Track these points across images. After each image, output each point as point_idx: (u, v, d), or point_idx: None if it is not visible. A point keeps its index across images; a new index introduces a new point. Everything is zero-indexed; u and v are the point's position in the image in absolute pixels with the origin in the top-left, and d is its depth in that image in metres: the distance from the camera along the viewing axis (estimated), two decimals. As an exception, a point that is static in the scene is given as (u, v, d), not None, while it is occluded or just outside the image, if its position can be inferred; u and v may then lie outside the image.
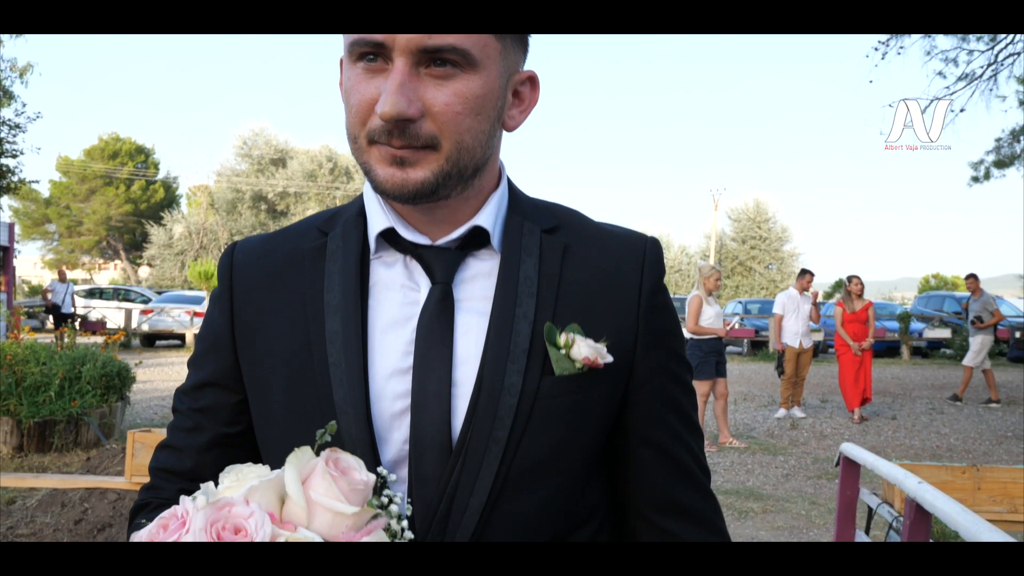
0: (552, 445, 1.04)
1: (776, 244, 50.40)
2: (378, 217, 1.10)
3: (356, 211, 1.14)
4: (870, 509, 3.76)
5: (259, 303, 1.13)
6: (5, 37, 18.71)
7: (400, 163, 1.00)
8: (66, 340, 8.83)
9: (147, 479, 4.12)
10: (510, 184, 1.17)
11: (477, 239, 1.09)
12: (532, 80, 1.12)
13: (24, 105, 20.66)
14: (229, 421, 1.16)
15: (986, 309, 13.30)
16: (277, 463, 1.04)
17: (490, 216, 1.10)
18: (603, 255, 1.13)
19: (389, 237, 1.10)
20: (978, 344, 13.29)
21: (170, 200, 54.77)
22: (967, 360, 13.50)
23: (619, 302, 1.10)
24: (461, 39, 0.98)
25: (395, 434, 1.04)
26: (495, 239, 1.10)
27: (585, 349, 1.03)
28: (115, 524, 5.61)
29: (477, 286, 1.08)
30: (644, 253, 1.14)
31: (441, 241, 1.08)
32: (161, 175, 55.86)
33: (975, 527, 2.15)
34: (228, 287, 1.16)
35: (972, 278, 13.85)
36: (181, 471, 1.17)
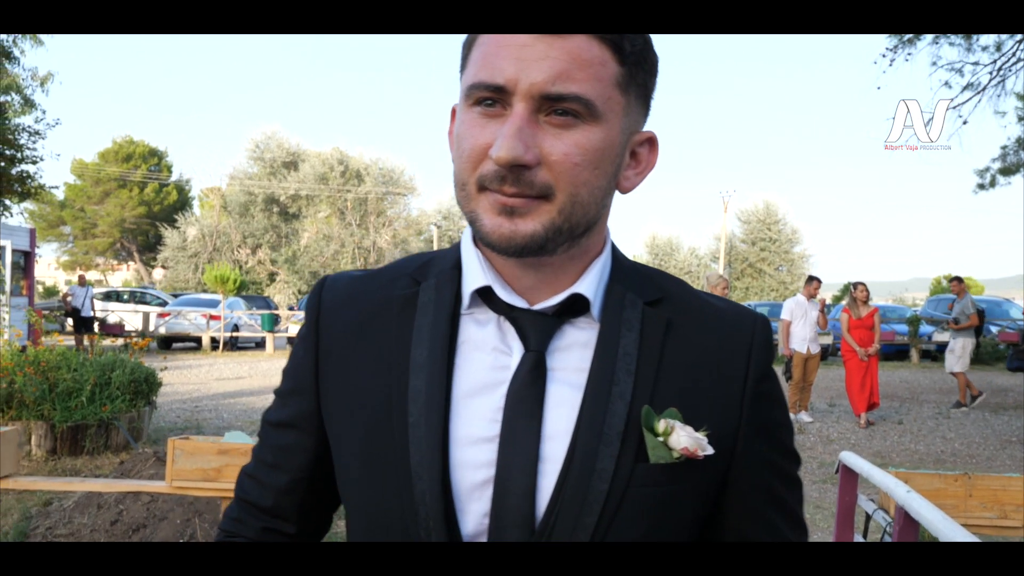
0: (641, 535, 0.98)
1: (786, 246, 50.38)
2: (475, 273, 1.04)
3: (452, 263, 1.08)
4: (867, 515, 3.96)
5: (344, 350, 1.09)
6: (26, 46, 19.02)
7: (510, 213, 0.95)
8: (91, 344, 9.09)
9: (187, 483, 4.45)
10: (614, 250, 1.10)
11: (576, 306, 1.03)
12: (652, 141, 1.07)
13: (44, 112, 21.05)
14: (306, 467, 1.13)
15: (964, 312, 13.39)
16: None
17: (592, 283, 1.03)
18: (708, 334, 1.06)
19: (484, 295, 1.04)
20: (960, 348, 13.37)
21: (183, 202, 55.13)
22: (957, 367, 13.51)
23: (722, 388, 1.04)
24: (586, 88, 0.93)
25: (475, 506, 0.99)
26: (595, 308, 1.03)
27: (685, 439, 0.97)
28: (149, 525, 5.83)
29: (572, 356, 1.02)
30: (752, 335, 1.07)
31: (539, 306, 1.02)
32: (174, 178, 56.28)
33: (952, 532, 2.39)
34: (314, 329, 1.12)
35: (956, 281, 13.97)
36: (263, 508, 1.16)
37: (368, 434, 1.04)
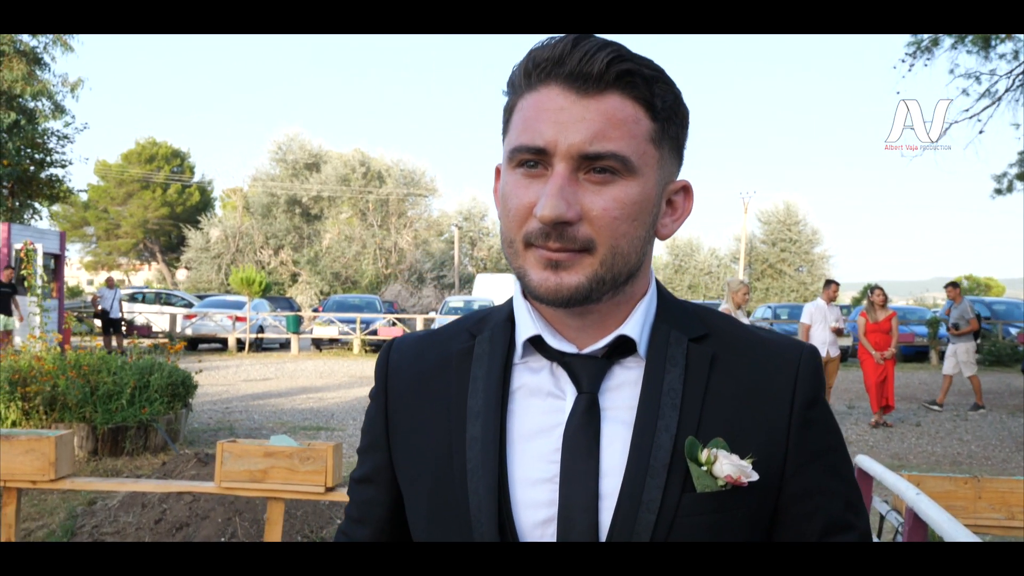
0: None
1: (806, 247, 50.30)
2: (526, 324, 1.09)
3: (505, 316, 1.14)
4: (881, 516, 4.15)
5: (410, 406, 1.15)
6: (57, 53, 19.45)
7: (555, 267, 0.99)
8: (119, 346, 9.30)
9: (234, 484, 4.81)
10: (659, 289, 1.14)
11: (623, 347, 1.07)
12: (686, 189, 1.11)
13: (73, 117, 21.45)
14: (385, 519, 1.20)
15: (963, 317, 13.45)
16: None
17: (637, 324, 1.07)
18: (753, 365, 1.08)
19: (536, 343, 1.08)
20: (963, 352, 13.44)
21: (205, 203, 55.60)
22: (967, 371, 13.55)
23: (769, 415, 1.06)
24: (621, 146, 0.98)
25: None
26: (641, 347, 1.07)
27: (728, 467, 0.99)
28: (192, 524, 6.01)
29: (623, 395, 1.06)
30: (799, 364, 1.09)
31: (588, 349, 1.06)
32: (197, 179, 56.77)
33: (956, 532, 2.59)
34: (383, 388, 1.19)
35: (951, 286, 14.00)
36: None
37: (433, 484, 1.10)
